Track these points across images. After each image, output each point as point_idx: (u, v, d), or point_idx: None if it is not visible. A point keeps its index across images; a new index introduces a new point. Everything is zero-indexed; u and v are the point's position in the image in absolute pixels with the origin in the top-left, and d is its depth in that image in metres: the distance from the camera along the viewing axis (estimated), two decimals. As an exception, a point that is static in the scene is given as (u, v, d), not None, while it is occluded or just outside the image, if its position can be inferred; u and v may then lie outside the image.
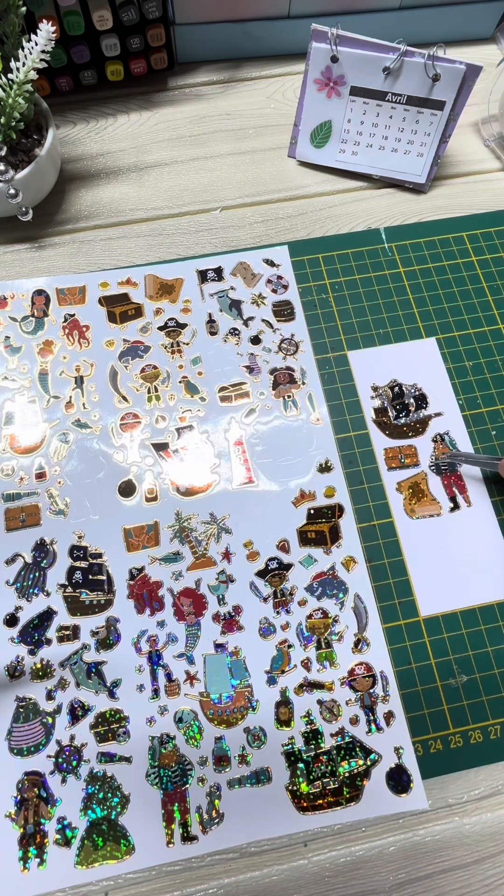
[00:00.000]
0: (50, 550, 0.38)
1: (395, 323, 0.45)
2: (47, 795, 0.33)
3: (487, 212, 0.49)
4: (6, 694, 0.35)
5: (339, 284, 0.46)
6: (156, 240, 0.47)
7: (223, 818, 0.33)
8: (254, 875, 0.32)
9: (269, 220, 0.48)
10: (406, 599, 0.38)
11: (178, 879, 0.32)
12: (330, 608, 0.37)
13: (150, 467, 0.40)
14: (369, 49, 0.43)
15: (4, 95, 0.39)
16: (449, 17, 0.52)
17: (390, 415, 0.42)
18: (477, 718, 0.35)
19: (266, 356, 0.43)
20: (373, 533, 0.39)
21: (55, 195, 0.48)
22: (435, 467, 0.40)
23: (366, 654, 0.36)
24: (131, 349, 0.43)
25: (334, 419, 0.42)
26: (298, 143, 0.49)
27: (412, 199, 0.49)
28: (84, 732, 0.34)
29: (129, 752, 0.34)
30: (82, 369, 0.42)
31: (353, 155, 0.48)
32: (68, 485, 0.39)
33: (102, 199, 0.49)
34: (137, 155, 0.50)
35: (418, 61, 0.42)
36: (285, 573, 0.38)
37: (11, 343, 0.43)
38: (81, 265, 0.46)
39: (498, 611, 0.37)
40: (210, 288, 0.45)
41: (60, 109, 0.51)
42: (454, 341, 0.44)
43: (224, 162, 0.50)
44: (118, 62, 0.50)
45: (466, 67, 0.42)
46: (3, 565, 0.37)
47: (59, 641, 0.36)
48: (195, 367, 0.43)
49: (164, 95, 0.53)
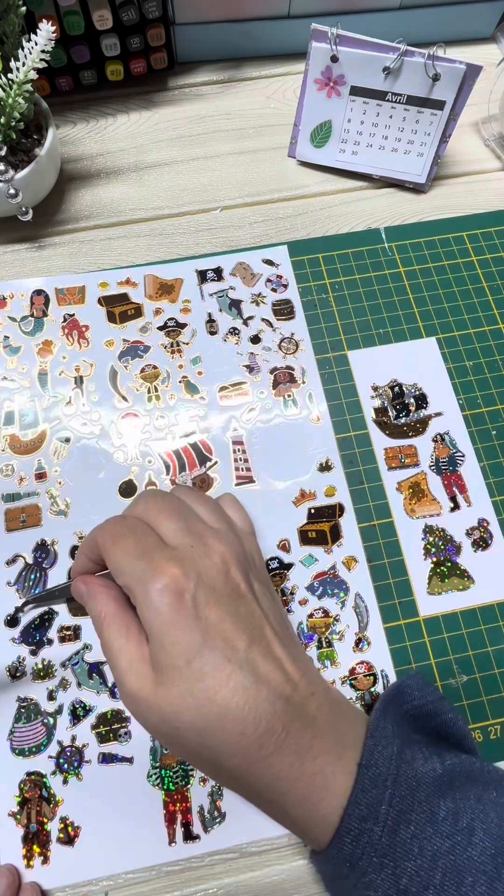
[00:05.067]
0: (51, 551, 0.38)
1: (395, 323, 0.45)
2: (49, 795, 0.33)
3: (487, 212, 0.49)
4: (8, 694, 0.35)
5: (339, 284, 0.46)
6: (155, 240, 0.47)
7: (225, 817, 0.33)
8: (254, 875, 0.32)
9: (269, 219, 0.48)
10: (406, 599, 0.38)
11: (178, 879, 0.32)
12: (331, 607, 0.37)
13: (150, 467, 0.40)
14: (369, 49, 0.43)
15: (4, 95, 0.39)
16: (449, 17, 0.52)
17: (390, 414, 0.42)
18: (477, 718, 0.35)
19: (266, 355, 0.43)
20: (373, 533, 0.39)
21: (55, 195, 0.48)
22: (435, 467, 0.40)
23: (366, 654, 0.36)
24: (131, 349, 0.43)
25: (334, 419, 0.42)
26: (298, 142, 0.49)
27: (412, 198, 0.49)
28: (85, 733, 0.34)
29: (131, 753, 0.34)
30: (82, 369, 0.42)
31: (353, 155, 0.48)
32: (69, 485, 0.39)
33: (102, 199, 0.49)
34: (137, 155, 0.50)
35: (418, 61, 0.42)
36: (286, 572, 0.38)
37: (11, 343, 0.43)
38: (81, 265, 0.46)
39: (498, 611, 0.37)
40: (210, 288, 0.45)
41: (60, 109, 0.51)
42: (454, 341, 0.44)
43: (224, 162, 0.50)
44: (118, 62, 0.50)
45: (466, 67, 0.42)
46: (4, 566, 0.37)
47: (60, 642, 0.36)
48: (195, 367, 0.43)
49: (164, 95, 0.53)
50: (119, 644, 0.26)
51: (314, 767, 0.25)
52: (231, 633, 0.26)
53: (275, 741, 0.25)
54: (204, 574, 0.26)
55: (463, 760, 0.28)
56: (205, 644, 0.25)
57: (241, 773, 0.25)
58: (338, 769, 0.25)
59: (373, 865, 0.24)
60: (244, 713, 0.24)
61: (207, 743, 0.24)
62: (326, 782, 0.25)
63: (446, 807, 0.25)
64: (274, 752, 0.25)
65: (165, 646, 0.25)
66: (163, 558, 0.26)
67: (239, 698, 0.24)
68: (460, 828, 0.25)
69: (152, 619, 0.25)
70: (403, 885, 0.24)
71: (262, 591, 0.29)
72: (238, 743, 0.24)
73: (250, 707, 0.24)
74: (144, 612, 0.26)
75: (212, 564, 0.27)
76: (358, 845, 0.25)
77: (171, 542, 0.28)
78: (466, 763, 0.28)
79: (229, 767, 0.25)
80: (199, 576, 0.26)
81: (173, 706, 0.24)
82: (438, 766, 0.27)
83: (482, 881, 0.24)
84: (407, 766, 0.26)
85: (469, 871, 0.24)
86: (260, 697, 0.25)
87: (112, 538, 0.28)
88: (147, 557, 0.26)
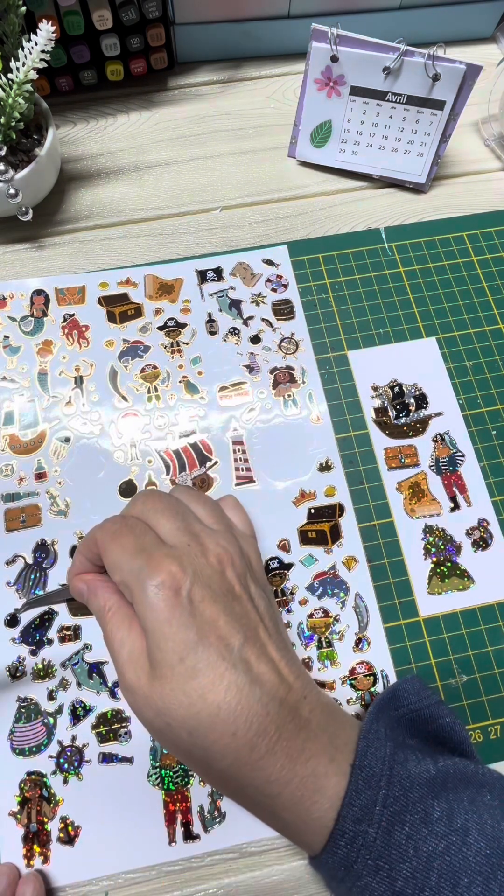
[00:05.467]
0: (51, 551, 0.38)
1: (395, 323, 0.45)
2: (49, 795, 0.33)
3: (487, 212, 0.49)
4: (8, 694, 0.35)
5: (339, 284, 0.46)
6: (155, 240, 0.47)
7: (225, 817, 0.33)
8: (254, 875, 0.32)
9: (269, 219, 0.48)
10: (406, 599, 0.38)
11: (178, 879, 0.32)
12: (331, 607, 0.37)
13: (150, 467, 0.40)
14: (369, 49, 0.43)
15: (4, 95, 0.39)
16: (449, 17, 0.52)
17: (390, 414, 0.42)
18: (477, 718, 0.35)
19: (266, 355, 0.43)
20: (373, 533, 0.39)
21: (55, 195, 0.48)
22: (435, 467, 0.40)
23: (367, 654, 0.36)
24: (131, 349, 0.43)
25: (334, 419, 0.42)
26: (298, 142, 0.49)
27: (412, 198, 0.49)
28: (85, 733, 0.34)
29: (131, 753, 0.34)
30: (82, 369, 0.42)
31: (353, 155, 0.48)
32: (69, 485, 0.39)
33: (102, 199, 0.49)
34: (137, 155, 0.50)
35: (418, 61, 0.42)
36: (286, 572, 0.38)
37: (11, 343, 0.43)
38: (81, 265, 0.46)
39: (498, 611, 0.37)
40: (210, 288, 0.45)
41: (60, 109, 0.51)
42: (454, 341, 0.44)
43: (224, 162, 0.50)
44: (118, 62, 0.50)
45: (466, 67, 0.42)
46: (4, 566, 0.37)
47: (60, 642, 0.36)
48: (195, 367, 0.43)
49: (164, 95, 0.53)
50: (121, 635, 0.26)
51: (306, 770, 0.25)
52: (225, 632, 0.26)
53: (266, 743, 0.24)
54: (200, 572, 0.26)
55: (456, 763, 0.28)
56: (199, 641, 0.25)
57: (231, 775, 0.25)
58: (330, 771, 0.25)
59: (368, 868, 0.24)
60: (236, 713, 0.24)
61: (198, 742, 0.24)
62: (319, 784, 0.25)
63: (440, 807, 0.25)
64: (266, 754, 0.24)
65: (160, 642, 0.25)
66: (160, 555, 0.26)
67: (232, 697, 0.24)
68: (455, 828, 0.25)
69: (148, 616, 0.25)
70: (399, 887, 0.24)
71: (258, 594, 0.29)
72: (229, 744, 0.24)
73: (243, 707, 0.24)
74: (141, 608, 0.26)
75: (207, 564, 0.27)
76: (353, 848, 0.24)
77: (169, 541, 0.28)
78: (460, 765, 0.28)
79: (220, 769, 0.25)
80: (196, 574, 0.26)
81: (166, 701, 0.24)
82: (431, 767, 0.27)
83: (478, 882, 0.24)
84: (400, 767, 0.26)
85: (464, 872, 0.24)
86: (253, 698, 0.24)
87: (111, 535, 0.28)
88: (145, 554, 0.26)
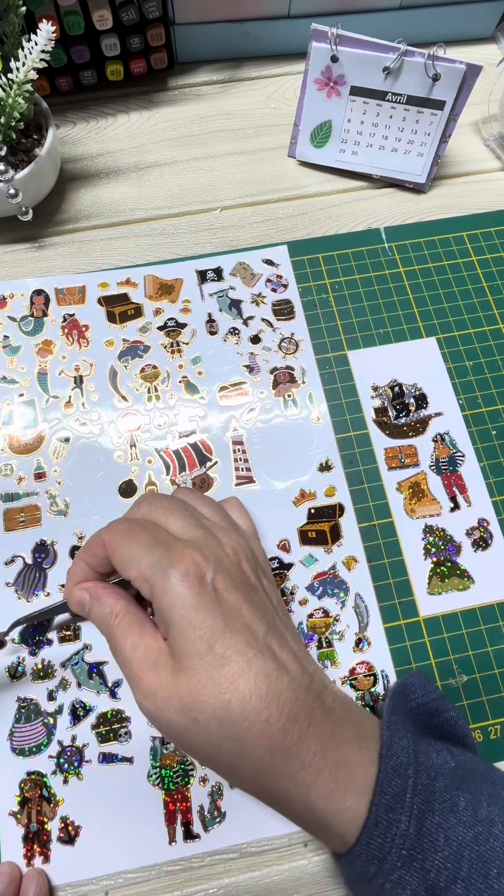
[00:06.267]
0: (50, 551, 0.38)
1: (395, 323, 0.45)
2: (49, 795, 0.33)
3: (487, 212, 0.49)
4: (7, 695, 0.35)
5: (339, 284, 0.46)
6: (155, 240, 0.47)
7: (225, 817, 0.33)
8: (254, 875, 0.32)
9: (269, 219, 0.48)
10: (406, 599, 0.38)
11: (178, 879, 0.32)
12: (331, 607, 0.37)
13: (150, 467, 0.40)
14: (369, 49, 0.43)
15: (4, 95, 0.39)
16: (449, 17, 0.52)
17: (390, 414, 0.42)
18: (477, 718, 0.35)
19: (266, 355, 0.43)
20: (373, 533, 0.39)
21: (55, 195, 0.48)
22: (435, 467, 0.40)
23: (367, 654, 0.36)
24: (131, 349, 0.43)
25: (334, 419, 0.42)
26: (298, 142, 0.49)
27: (412, 198, 0.49)
28: (86, 733, 0.34)
29: (131, 753, 0.34)
30: (82, 369, 0.42)
31: (353, 155, 0.48)
32: (68, 485, 0.39)
33: (102, 199, 0.49)
34: (137, 155, 0.50)
35: (418, 61, 0.42)
36: (286, 572, 0.38)
37: (10, 343, 0.43)
38: (81, 265, 0.46)
39: (498, 611, 0.37)
40: (210, 288, 0.45)
41: (60, 109, 0.51)
42: (454, 341, 0.44)
43: (224, 162, 0.50)
44: (118, 62, 0.50)
45: (466, 67, 0.42)
46: (3, 566, 0.37)
47: (60, 642, 0.36)
48: (195, 367, 0.43)
49: (164, 95, 0.53)
50: (132, 640, 0.26)
51: (337, 756, 0.24)
52: (249, 619, 0.25)
53: (299, 728, 0.24)
54: (221, 562, 0.26)
55: (469, 758, 0.28)
56: (227, 627, 0.24)
57: (264, 766, 0.24)
58: (360, 758, 0.25)
59: (402, 859, 0.24)
60: (268, 700, 0.23)
61: (230, 733, 0.23)
62: (350, 772, 0.25)
63: (464, 798, 0.25)
64: (298, 739, 0.24)
65: (187, 631, 0.24)
66: (180, 546, 0.26)
67: (262, 683, 0.24)
68: (480, 818, 0.25)
69: (174, 604, 0.24)
70: (432, 879, 0.24)
71: (270, 589, 0.29)
72: (263, 731, 0.23)
73: (273, 693, 0.24)
74: (165, 598, 0.25)
75: (225, 555, 0.27)
76: (387, 837, 0.24)
77: (184, 536, 0.27)
78: (472, 760, 0.28)
79: (253, 760, 0.24)
80: (217, 562, 0.26)
81: (193, 694, 0.23)
82: (450, 759, 0.27)
83: None
84: (424, 757, 0.26)
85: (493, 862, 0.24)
86: (282, 684, 0.24)
87: (122, 534, 0.27)
88: (163, 546, 0.26)
